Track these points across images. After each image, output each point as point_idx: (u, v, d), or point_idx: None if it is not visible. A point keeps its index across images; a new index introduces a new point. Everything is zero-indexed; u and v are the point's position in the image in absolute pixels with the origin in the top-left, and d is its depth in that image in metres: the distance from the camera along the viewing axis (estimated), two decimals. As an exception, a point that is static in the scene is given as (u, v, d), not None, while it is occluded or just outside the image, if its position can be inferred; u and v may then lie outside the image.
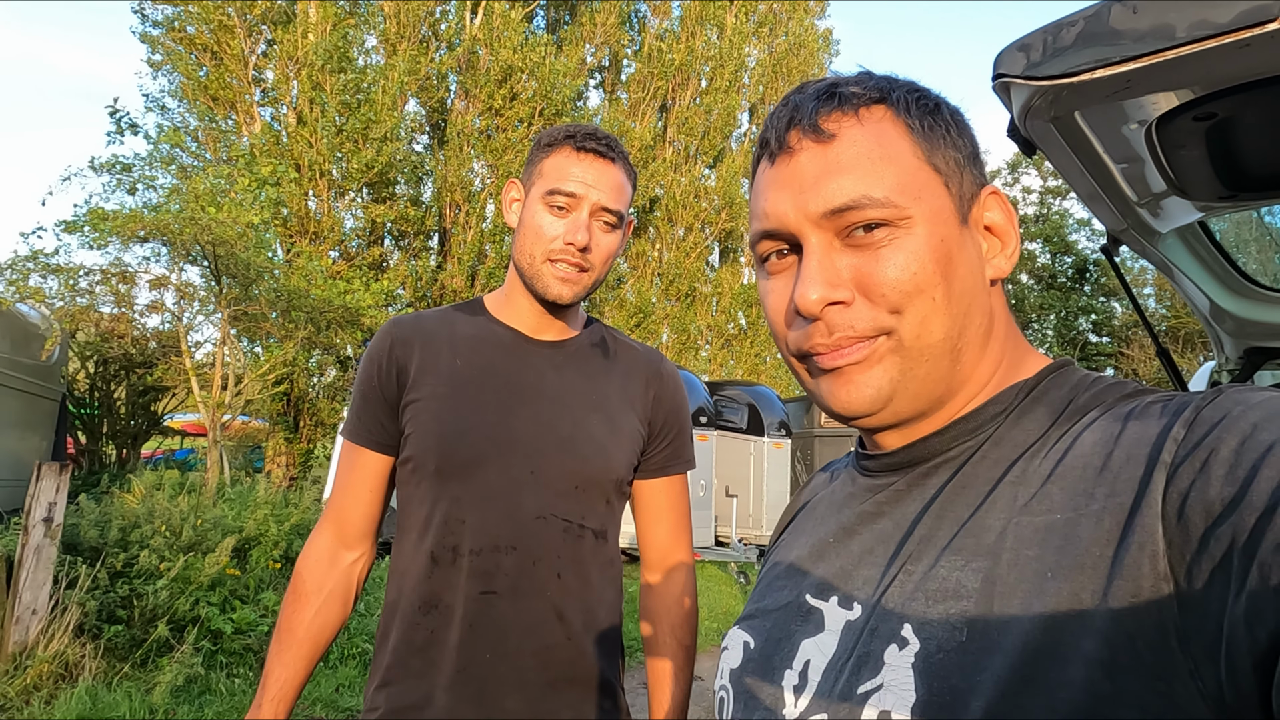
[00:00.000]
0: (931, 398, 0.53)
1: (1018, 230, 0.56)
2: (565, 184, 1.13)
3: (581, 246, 1.11)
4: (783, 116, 0.55)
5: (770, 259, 0.56)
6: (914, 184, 0.51)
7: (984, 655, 0.42)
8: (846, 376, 0.52)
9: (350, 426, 1.19)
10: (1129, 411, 0.46)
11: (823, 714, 0.49)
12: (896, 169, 0.51)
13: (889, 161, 0.51)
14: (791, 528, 0.69)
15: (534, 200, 1.16)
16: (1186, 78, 0.86)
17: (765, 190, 0.55)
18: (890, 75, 0.56)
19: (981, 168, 0.56)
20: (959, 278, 0.52)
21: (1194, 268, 1.62)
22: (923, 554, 0.49)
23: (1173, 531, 0.39)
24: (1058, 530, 0.43)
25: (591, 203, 1.13)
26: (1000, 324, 0.56)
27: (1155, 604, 0.38)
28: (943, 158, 0.53)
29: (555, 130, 1.18)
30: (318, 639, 1.17)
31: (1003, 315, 0.56)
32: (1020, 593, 0.42)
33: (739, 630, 0.62)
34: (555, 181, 1.13)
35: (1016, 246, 0.56)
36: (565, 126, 1.17)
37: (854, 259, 0.52)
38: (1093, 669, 0.38)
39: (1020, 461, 0.49)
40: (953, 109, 0.56)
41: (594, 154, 1.14)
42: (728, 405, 10.99)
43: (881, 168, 0.51)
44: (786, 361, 0.58)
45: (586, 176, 1.13)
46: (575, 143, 1.14)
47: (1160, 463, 0.41)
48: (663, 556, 1.27)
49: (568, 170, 1.14)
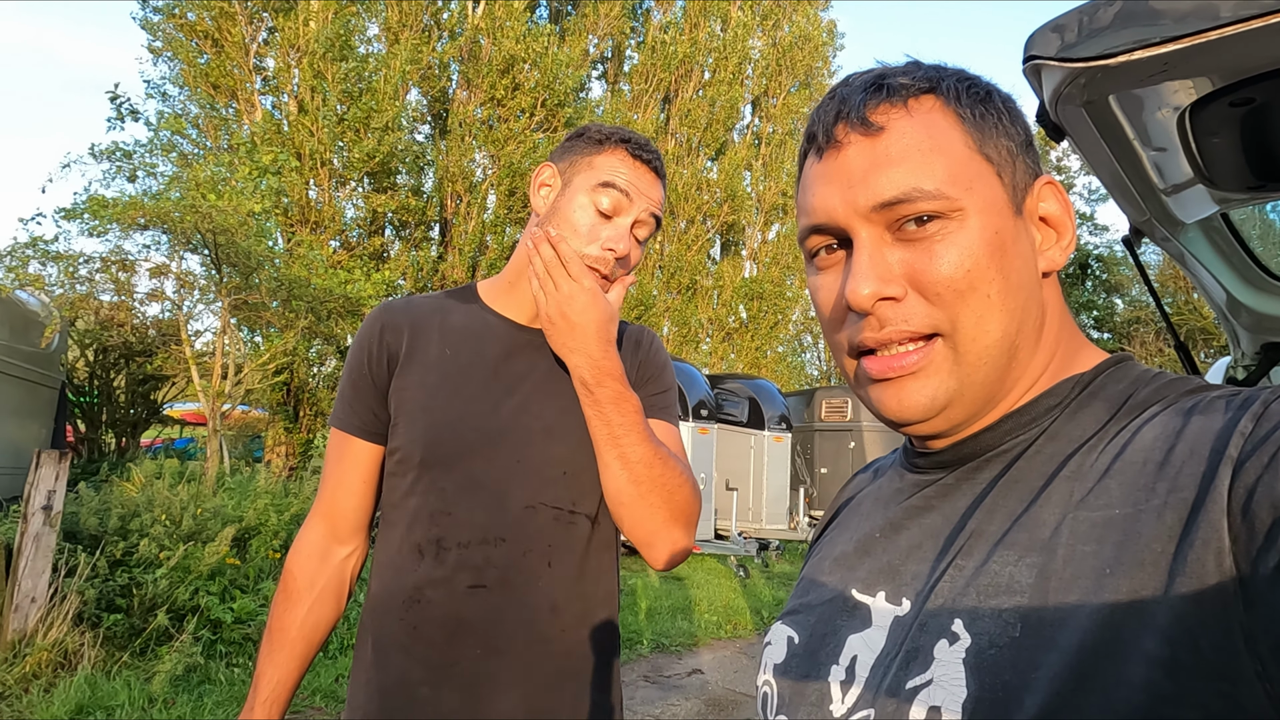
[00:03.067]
0: (987, 400, 0.52)
1: (1074, 221, 0.54)
2: (619, 180, 1.09)
3: (620, 256, 1.08)
4: (830, 110, 0.54)
5: (819, 254, 0.55)
6: (966, 175, 0.50)
7: (1039, 651, 0.41)
8: (899, 385, 0.52)
9: (340, 415, 1.15)
10: (1192, 406, 0.45)
11: (870, 709, 0.48)
12: (947, 159, 0.50)
13: (940, 152, 0.50)
14: (836, 523, 0.67)
15: (578, 191, 1.10)
16: (1228, 61, 0.83)
17: (813, 185, 0.54)
18: (939, 64, 0.55)
19: (1036, 157, 0.55)
20: (1014, 271, 0.50)
21: (1214, 260, 1.60)
22: (974, 549, 0.48)
23: (1238, 527, 0.37)
24: (1117, 526, 0.42)
25: (639, 211, 1.10)
26: (1054, 317, 0.55)
27: (1219, 601, 0.37)
28: (995, 147, 0.52)
29: (606, 129, 1.14)
30: (310, 638, 1.13)
31: (1057, 308, 0.55)
32: (1077, 589, 0.41)
33: (783, 625, 0.61)
34: (608, 174, 1.09)
35: (1072, 238, 0.54)
36: (615, 129, 1.14)
37: (906, 253, 0.51)
38: (1153, 668, 0.37)
39: (1076, 456, 0.47)
40: (1005, 96, 0.55)
41: (646, 165, 1.12)
42: (728, 399, 10.98)
43: (932, 159, 0.50)
44: (837, 361, 0.57)
45: (640, 184, 1.10)
46: (631, 148, 1.11)
47: (1226, 457, 0.40)
48: None
49: (621, 169, 1.10)
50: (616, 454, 1.05)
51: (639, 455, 1.05)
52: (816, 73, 20.34)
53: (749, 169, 19.09)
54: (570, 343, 1.05)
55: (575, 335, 1.05)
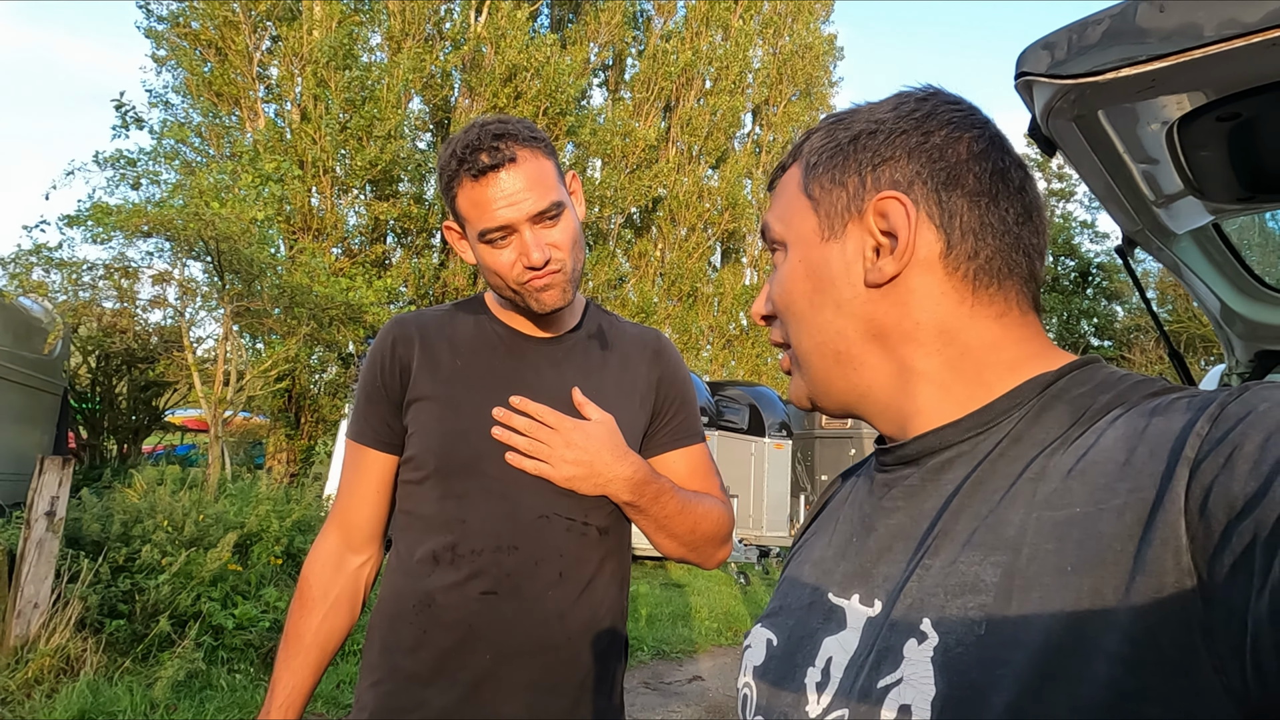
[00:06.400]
0: (849, 392, 0.60)
1: (908, 229, 0.54)
2: (489, 221, 1.06)
3: (541, 264, 1.06)
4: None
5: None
6: (788, 213, 0.62)
7: (1004, 650, 0.42)
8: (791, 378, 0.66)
9: (355, 427, 1.18)
10: (1153, 408, 0.46)
11: (844, 710, 0.49)
12: (783, 203, 0.64)
13: (780, 197, 0.65)
14: (814, 527, 0.69)
15: (473, 241, 1.11)
16: (1212, 77, 0.86)
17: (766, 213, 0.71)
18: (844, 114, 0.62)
19: (900, 173, 0.55)
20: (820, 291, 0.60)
21: (1207, 269, 1.62)
22: (941, 549, 0.49)
23: (1195, 527, 0.38)
24: (1078, 525, 0.43)
25: (524, 219, 1.06)
26: (923, 320, 0.55)
27: (1178, 599, 0.38)
28: (818, 185, 0.59)
29: (446, 160, 1.09)
30: (325, 645, 1.16)
31: (924, 312, 0.55)
32: (1039, 587, 0.42)
33: (762, 628, 0.62)
34: (479, 222, 1.07)
35: (905, 247, 0.54)
36: (453, 149, 1.08)
37: None
38: (1115, 664, 0.38)
39: (1040, 458, 0.48)
40: (871, 130, 0.58)
41: (494, 170, 1.05)
42: (729, 405, 10.98)
43: (777, 208, 0.65)
44: None
45: (501, 196, 1.05)
46: (470, 171, 1.06)
47: (1184, 458, 0.41)
48: None
49: (481, 202, 1.06)
50: (665, 535, 1.15)
51: (684, 529, 1.15)
52: (817, 82, 20.42)
53: (749, 177, 19.14)
54: (600, 480, 1.09)
55: (599, 471, 1.09)
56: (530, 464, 1.08)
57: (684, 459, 1.23)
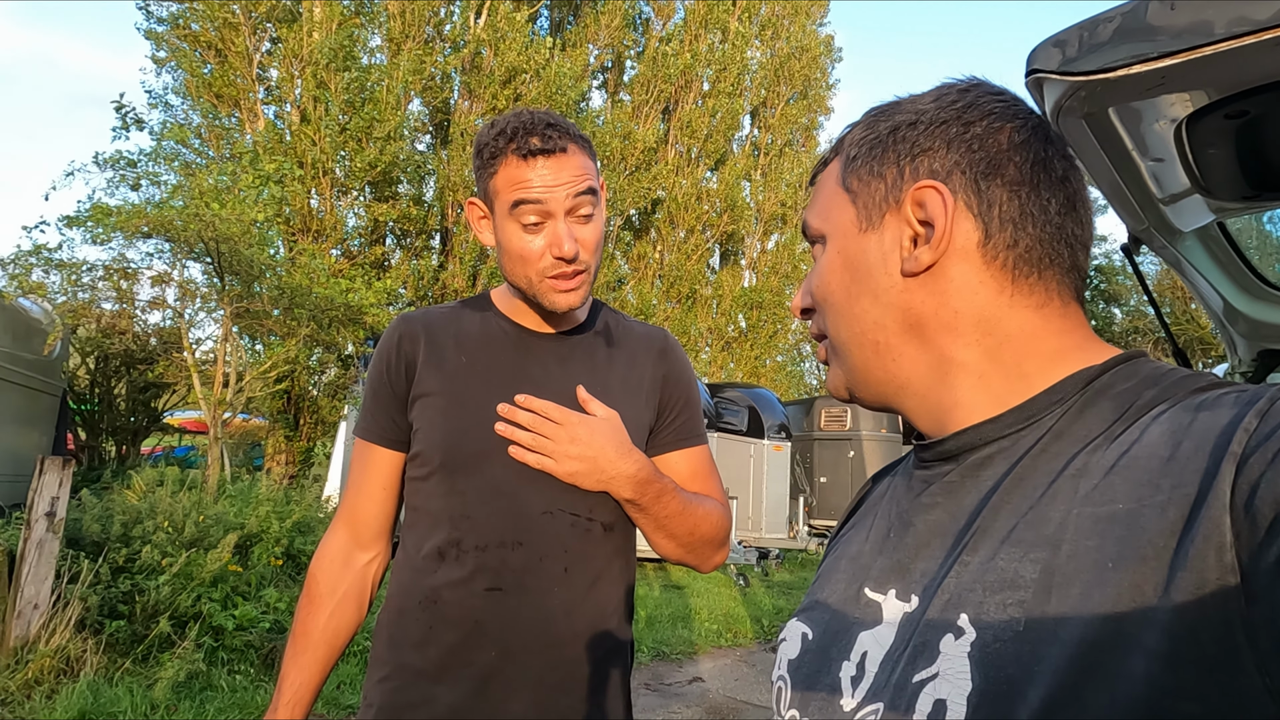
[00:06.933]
0: (886, 383, 0.60)
1: (945, 218, 0.54)
2: (529, 194, 1.05)
3: (571, 257, 1.06)
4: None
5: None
6: (828, 207, 0.62)
7: (1042, 645, 0.41)
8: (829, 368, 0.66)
9: (362, 424, 1.18)
10: (1200, 403, 0.45)
11: (879, 703, 0.49)
12: (823, 198, 0.64)
13: (819, 193, 0.66)
14: (852, 522, 0.69)
15: (502, 218, 1.09)
16: (1222, 75, 0.86)
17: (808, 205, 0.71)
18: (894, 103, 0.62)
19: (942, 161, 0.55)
20: (858, 281, 0.60)
21: (1211, 268, 1.62)
22: (980, 546, 0.48)
23: (1241, 523, 0.38)
24: (1120, 521, 0.42)
25: (562, 205, 1.06)
26: (962, 311, 0.55)
27: (1220, 597, 0.37)
28: (856, 177, 0.60)
29: (493, 135, 1.08)
30: (333, 642, 1.16)
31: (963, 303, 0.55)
32: (1079, 583, 0.42)
33: (797, 622, 0.62)
34: (517, 193, 1.06)
35: (942, 234, 0.54)
36: (502, 128, 1.08)
37: None
38: (1154, 661, 0.38)
39: (1082, 454, 0.48)
40: (911, 120, 0.58)
41: (544, 154, 1.05)
42: (728, 407, 10.99)
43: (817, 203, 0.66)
44: None
45: (548, 177, 1.05)
46: (518, 150, 1.05)
47: (1230, 453, 0.40)
48: None
49: (523, 181, 1.05)
50: (664, 535, 1.15)
51: (683, 530, 1.14)
52: (815, 83, 20.44)
53: (748, 179, 19.16)
54: (603, 476, 1.09)
55: (602, 467, 1.08)
56: (533, 458, 1.08)
57: (686, 460, 1.23)
